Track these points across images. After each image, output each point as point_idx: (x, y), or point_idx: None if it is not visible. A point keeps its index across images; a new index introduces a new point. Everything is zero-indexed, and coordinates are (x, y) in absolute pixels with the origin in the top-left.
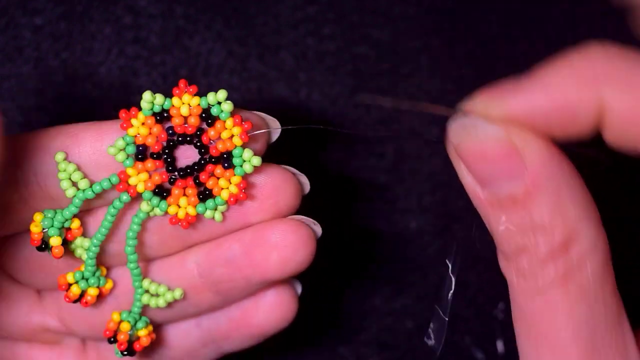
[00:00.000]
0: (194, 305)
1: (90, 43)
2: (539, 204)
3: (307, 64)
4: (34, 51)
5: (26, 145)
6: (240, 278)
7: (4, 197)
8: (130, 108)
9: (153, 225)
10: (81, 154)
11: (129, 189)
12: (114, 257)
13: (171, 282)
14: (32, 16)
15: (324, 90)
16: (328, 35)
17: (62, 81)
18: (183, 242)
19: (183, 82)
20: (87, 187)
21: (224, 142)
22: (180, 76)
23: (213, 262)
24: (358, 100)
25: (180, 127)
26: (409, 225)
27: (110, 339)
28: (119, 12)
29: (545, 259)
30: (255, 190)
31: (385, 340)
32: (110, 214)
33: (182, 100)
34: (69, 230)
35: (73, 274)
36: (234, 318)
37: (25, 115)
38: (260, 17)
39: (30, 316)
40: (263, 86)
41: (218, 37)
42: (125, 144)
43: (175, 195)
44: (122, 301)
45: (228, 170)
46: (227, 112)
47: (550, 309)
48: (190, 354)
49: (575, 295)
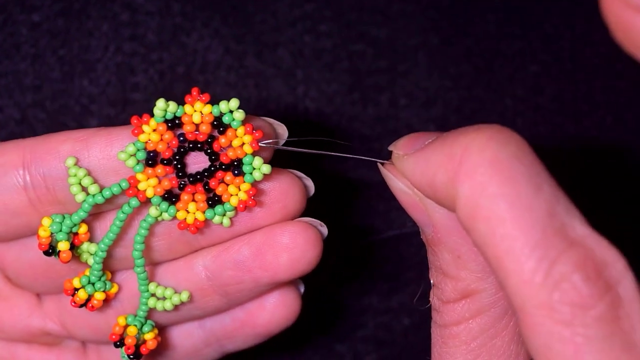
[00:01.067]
0: (200, 308)
1: (87, 40)
2: (442, 254)
3: (304, 62)
4: (32, 48)
5: (35, 149)
6: (249, 280)
7: (13, 201)
8: (127, 108)
9: (160, 230)
10: (90, 158)
11: (138, 194)
12: (120, 262)
13: (178, 286)
14: (30, 13)
15: (321, 88)
16: (325, 33)
17: (59, 78)
18: (190, 246)
19: (196, 90)
20: (97, 192)
21: (235, 150)
22: (177, 73)
23: (222, 265)
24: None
25: (191, 134)
26: (406, 223)
27: (117, 343)
28: (117, 9)
29: (448, 301)
30: (264, 195)
31: (383, 337)
32: (119, 218)
33: (194, 108)
34: (76, 235)
35: (79, 278)
36: (239, 318)
37: (22, 111)
38: (258, 14)
39: (30, 320)
40: (260, 83)
41: (215, 34)
42: (135, 149)
43: (185, 200)
44: (126, 305)
45: (238, 177)
46: (238, 121)
47: (451, 345)
48: (193, 354)
49: (466, 338)
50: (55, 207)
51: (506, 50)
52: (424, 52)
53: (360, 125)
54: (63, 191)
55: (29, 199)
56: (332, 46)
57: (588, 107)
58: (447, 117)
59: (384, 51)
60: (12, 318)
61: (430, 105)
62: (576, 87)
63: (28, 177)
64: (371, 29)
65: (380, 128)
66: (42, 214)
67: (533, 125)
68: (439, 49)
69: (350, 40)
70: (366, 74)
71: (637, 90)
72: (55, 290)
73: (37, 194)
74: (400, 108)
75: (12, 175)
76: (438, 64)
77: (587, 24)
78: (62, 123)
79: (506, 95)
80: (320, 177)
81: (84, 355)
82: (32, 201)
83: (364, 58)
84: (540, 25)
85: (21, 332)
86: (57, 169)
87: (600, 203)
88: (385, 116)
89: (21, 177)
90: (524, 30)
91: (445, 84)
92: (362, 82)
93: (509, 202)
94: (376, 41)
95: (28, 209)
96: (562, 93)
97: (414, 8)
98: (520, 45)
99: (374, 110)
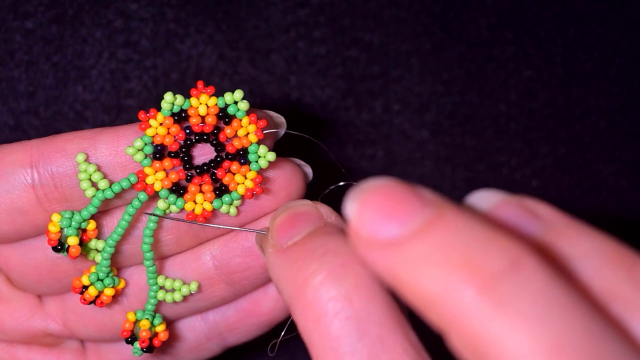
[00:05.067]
0: (207, 299)
1: (81, 46)
2: None
3: (298, 67)
4: (25, 54)
5: (43, 148)
6: (257, 266)
7: (20, 199)
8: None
9: (169, 224)
10: (98, 155)
11: (146, 188)
12: (127, 258)
13: (186, 277)
14: (24, 19)
15: (315, 93)
16: (319, 39)
17: (53, 84)
18: (197, 238)
19: (200, 83)
20: (107, 187)
21: (240, 140)
22: (171, 80)
23: (230, 252)
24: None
25: (197, 127)
26: None
27: (128, 339)
28: (110, 16)
29: None
30: (269, 183)
31: None
32: (128, 213)
33: (200, 101)
34: (84, 232)
35: (87, 276)
36: (243, 308)
37: (16, 118)
38: (251, 20)
39: (31, 321)
40: (254, 89)
41: (209, 40)
42: (143, 144)
43: (192, 192)
44: (132, 300)
45: (244, 166)
46: (243, 111)
47: None
48: (195, 349)
49: None
50: (62, 204)
51: (499, 56)
52: (417, 57)
53: (355, 131)
54: (71, 188)
55: (36, 197)
56: (326, 52)
57: (581, 112)
58: (440, 123)
59: (377, 57)
60: (13, 319)
61: (423, 110)
62: (569, 91)
63: (36, 175)
64: (364, 35)
65: (374, 133)
66: (49, 213)
67: (527, 130)
68: (432, 55)
69: (344, 46)
70: (360, 79)
71: (630, 94)
72: (59, 290)
73: (44, 191)
74: (394, 114)
75: (20, 174)
76: (431, 69)
77: (580, 28)
78: (56, 129)
79: (500, 100)
80: (312, 181)
81: (83, 356)
82: (40, 199)
83: (358, 64)
84: (533, 30)
85: (22, 333)
86: (66, 167)
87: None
88: (379, 122)
89: (29, 175)
90: (517, 36)
91: (438, 89)
92: (356, 88)
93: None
94: (369, 47)
95: (35, 207)
96: (555, 98)
97: (407, 13)
98: (513, 50)
99: (367, 116)
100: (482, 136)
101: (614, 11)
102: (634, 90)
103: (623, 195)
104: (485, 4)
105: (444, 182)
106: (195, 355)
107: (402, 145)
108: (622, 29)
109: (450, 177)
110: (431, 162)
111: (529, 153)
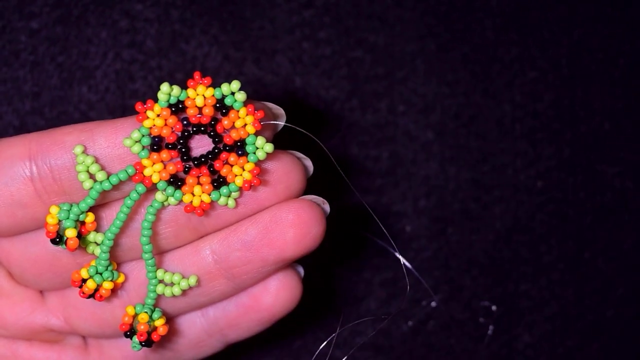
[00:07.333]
0: (207, 293)
1: (86, 47)
2: None
3: (302, 68)
4: (30, 55)
5: (41, 141)
6: (257, 260)
7: (19, 192)
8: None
9: (167, 217)
10: (96, 147)
11: (144, 180)
12: (126, 252)
13: (185, 271)
14: (29, 20)
15: (319, 94)
16: (324, 40)
17: (58, 85)
18: (197, 232)
19: (197, 74)
20: (105, 179)
21: (238, 131)
22: (176, 80)
23: (229, 246)
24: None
25: (195, 118)
26: (404, 228)
27: (127, 333)
28: (115, 16)
29: None
30: (267, 175)
31: (381, 343)
32: (126, 205)
33: (197, 92)
34: (83, 225)
35: (87, 269)
36: (243, 304)
37: (21, 118)
38: (256, 21)
39: (33, 316)
40: (259, 90)
41: (214, 41)
42: (140, 135)
43: (190, 183)
44: (132, 295)
45: (242, 157)
46: (240, 102)
47: None
48: (196, 345)
49: None
50: (61, 197)
51: (504, 57)
52: (422, 58)
53: (359, 132)
54: (69, 181)
55: (35, 190)
56: (331, 53)
57: (586, 113)
58: (445, 124)
59: (382, 58)
60: (14, 315)
61: (428, 111)
62: (574, 93)
63: (34, 168)
64: (369, 36)
65: (379, 134)
66: (48, 205)
67: (531, 131)
68: (437, 56)
69: (349, 47)
70: (364, 80)
71: (635, 96)
72: (59, 285)
73: (43, 184)
74: (398, 114)
75: (18, 167)
76: (436, 70)
77: (585, 30)
78: None
79: (504, 101)
80: (315, 180)
81: (85, 352)
82: (39, 192)
83: (363, 65)
84: (538, 31)
85: (23, 329)
86: (64, 159)
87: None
88: (384, 122)
89: (28, 168)
90: (522, 37)
91: (443, 90)
92: (361, 89)
93: None
94: (374, 48)
95: (34, 200)
96: (560, 99)
97: (412, 14)
98: (518, 51)
99: (372, 117)
100: (487, 137)
101: (619, 13)
102: (639, 92)
103: (627, 196)
104: (490, 5)
105: (449, 183)
106: (196, 352)
107: (407, 146)
108: (627, 31)
109: (455, 178)
110: (436, 163)
111: (534, 154)
